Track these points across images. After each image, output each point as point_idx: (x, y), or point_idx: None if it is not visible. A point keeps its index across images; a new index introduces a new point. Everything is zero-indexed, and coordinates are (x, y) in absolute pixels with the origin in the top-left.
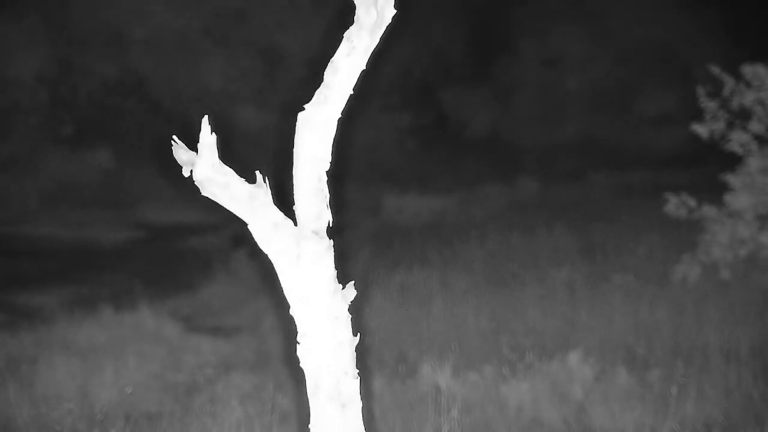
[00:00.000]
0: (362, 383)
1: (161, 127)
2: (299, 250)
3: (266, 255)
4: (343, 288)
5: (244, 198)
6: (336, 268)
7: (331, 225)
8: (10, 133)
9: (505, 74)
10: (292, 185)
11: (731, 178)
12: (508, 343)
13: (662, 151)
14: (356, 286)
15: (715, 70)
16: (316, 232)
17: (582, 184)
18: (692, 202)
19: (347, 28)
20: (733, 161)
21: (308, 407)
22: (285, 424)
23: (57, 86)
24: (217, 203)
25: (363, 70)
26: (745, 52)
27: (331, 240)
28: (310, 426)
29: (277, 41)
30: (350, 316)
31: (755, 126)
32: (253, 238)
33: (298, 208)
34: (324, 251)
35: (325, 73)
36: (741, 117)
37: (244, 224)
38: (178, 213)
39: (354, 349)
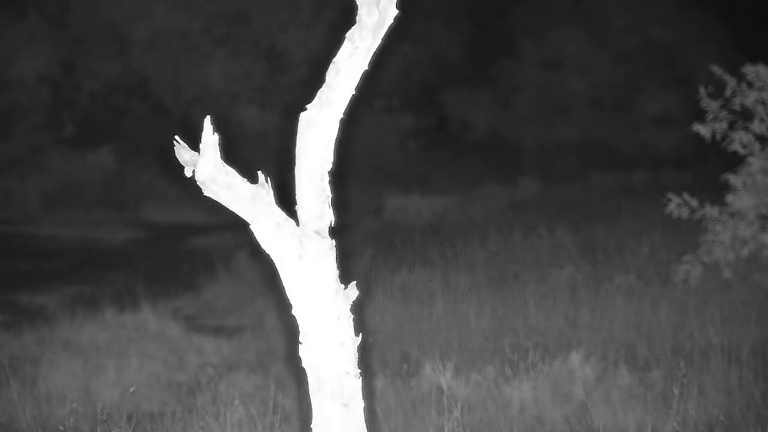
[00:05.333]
0: (364, 383)
1: (163, 128)
2: (301, 249)
3: (268, 255)
4: (345, 288)
5: (247, 198)
6: (338, 267)
7: (333, 225)
8: (12, 133)
9: (506, 75)
10: (295, 185)
11: (733, 178)
12: (510, 343)
13: (663, 151)
14: (358, 286)
15: (717, 70)
16: (318, 232)
17: (583, 184)
18: (694, 202)
19: (349, 28)
20: (735, 161)
21: (310, 407)
22: (287, 423)
23: (59, 86)
24: (220, 203)
25: (365, 71)
26: (747, 52)
27: (333, 240)
28: (312, 426)
29: (280, 41)
30: (352, 315)
31: (757, 126)
32: (255, 238)
33: (301, 208)
34: (326, 251)
35: (326, 73)
36: (743, 117)
37: (246, 224)
38: (181, 213)
39: (356, 348)
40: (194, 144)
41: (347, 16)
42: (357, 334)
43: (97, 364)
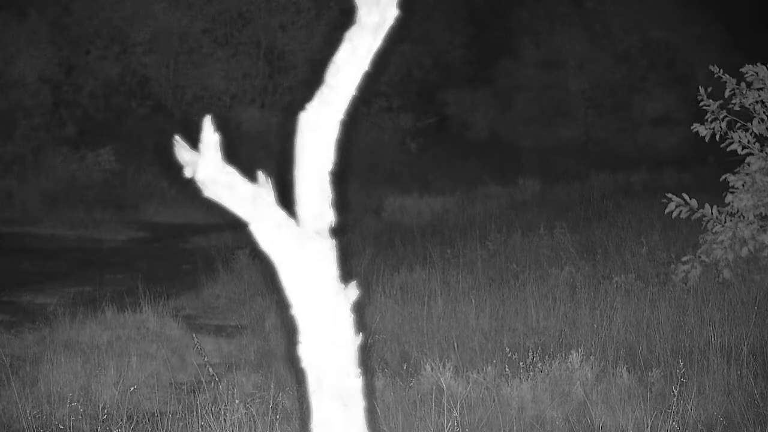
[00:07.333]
0: (364, 383)
1: (163, 128)
2: (301, 250)
3: (268, 255)
4: (345, 287)
5: (247, 198)
6: (338, 267)
7: (333, 225)
8: (13, 133)
9: (505, 75)
10: (295, 185)
11: (732, 179)
12: (510, 342)
13: (663, 151)
14: (358, 286)
15: (716, 70)
16: (318, 232)
17: (583, 184)
18: (693, 202)
19: (349, 28)
20: (735, 161)
21: (310, 407)
22: (287, 423)
23: (59, 86)
24: (220, 203)
25: (365, 72)
26: (746, 52)
27: (334, 240)
28: (311, 425)
29: (280, 42)
30: (352, 315)
31: (756, 126)
32: (255, 238)
33: (301, 208)
34: (326, 251)
35: (326, 73)
36: (742, 117)
37: (246, 224)
38: (181, 213)
39: (356, 348)
40: (194, 144)
41: (347, 16)
42: (357, 334)
43: (98, 364)
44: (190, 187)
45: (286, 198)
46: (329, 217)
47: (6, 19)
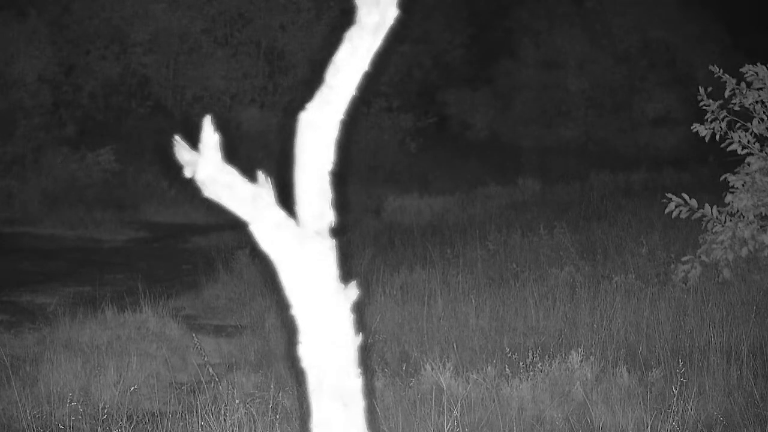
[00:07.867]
0: (364, 383)
1: (163, 128)
2: (301, 250)
3: (268, 255)
4: (345, 287)
5: (247, 198)
6: (338, 267)
7: (333, 225)
8: (13, 133)
9: (505, 75)
10: (295, 185)
11: (732, 179)
12: (510, 342)
13: (663, 151)
14: (358, 286)
15: (716, 70)
16: (318, 232)
17: (583, 184)
18: (693, 202)
19: (349, 28)
20: (735, 161)
21: (310, 406)
22: (287, 423)
23: (60, 86)
24: (220, 203)
25: (365, 72)
26: (746, 52)
27: (334, 240)
28: (311, 425)
29: (280, 42)
30: (352, 315)
31: (756, 126)
32: (255, 238)
33: (301, 208)
34: (326, 251)
35: (326, 73)
36: (742, 117)
37: (246, 224)
38: (181, 213)
39: (356, 348)
40: (194, 144)
41: (347, 16)
42: (357, 334)
43: (98, 364)
44: (190, 187)
45: (286, 198)
46: (329, 217)
47: (6, 19)
